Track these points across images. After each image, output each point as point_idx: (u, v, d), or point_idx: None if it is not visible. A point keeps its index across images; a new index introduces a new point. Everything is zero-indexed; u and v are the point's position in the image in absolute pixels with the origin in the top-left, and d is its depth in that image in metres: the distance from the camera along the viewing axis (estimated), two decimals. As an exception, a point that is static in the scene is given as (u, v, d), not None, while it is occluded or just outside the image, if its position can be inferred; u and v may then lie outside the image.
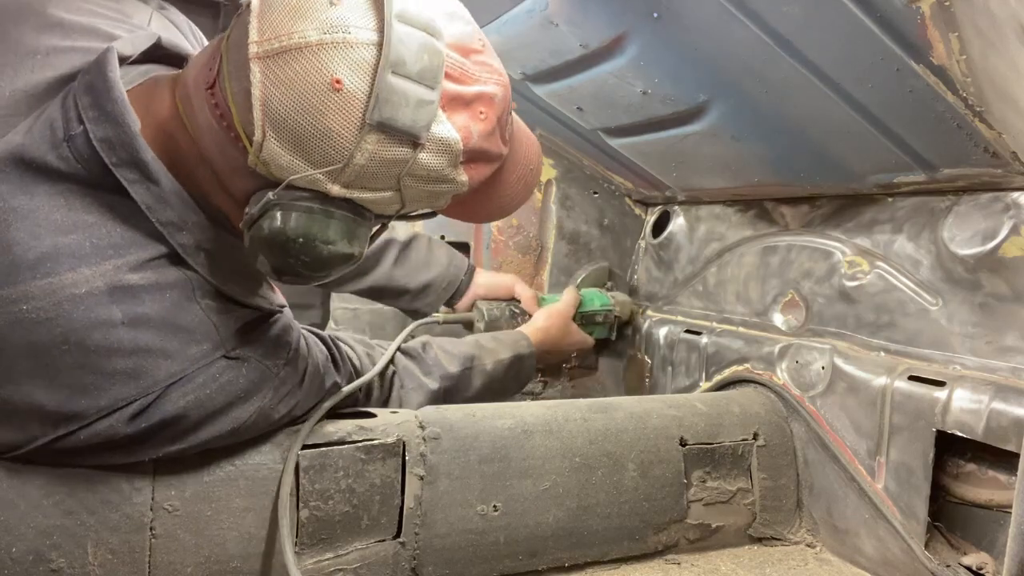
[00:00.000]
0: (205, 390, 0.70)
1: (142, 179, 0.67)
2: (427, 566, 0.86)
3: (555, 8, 0.98)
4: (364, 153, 0.62)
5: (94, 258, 0.66)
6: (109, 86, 0.66)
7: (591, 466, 0.95)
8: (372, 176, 0.64)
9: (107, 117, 0.66)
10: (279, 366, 0.77)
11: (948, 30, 0.71)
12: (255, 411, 0.75)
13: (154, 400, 0.68)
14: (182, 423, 0.70)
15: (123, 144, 0.66)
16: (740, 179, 1.21)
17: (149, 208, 0.68)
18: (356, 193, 0.65)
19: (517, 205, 0.83)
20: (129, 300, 0.67)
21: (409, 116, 0.62)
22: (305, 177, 0.63)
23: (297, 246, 0.65)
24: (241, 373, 0.73)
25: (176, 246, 0.70)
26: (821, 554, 1.04)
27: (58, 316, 0.64)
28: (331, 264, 0.67)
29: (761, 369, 1.16)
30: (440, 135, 0.65)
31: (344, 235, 0.66)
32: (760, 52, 0.85)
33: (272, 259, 0.66)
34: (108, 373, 0.66)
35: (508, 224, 1.58)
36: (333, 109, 0.60)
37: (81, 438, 0.66)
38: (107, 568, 0.70)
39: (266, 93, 0.59)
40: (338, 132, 0.61)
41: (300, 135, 0.60)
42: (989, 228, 0.89)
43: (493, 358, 1.13)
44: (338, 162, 0.62)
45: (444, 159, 0.67)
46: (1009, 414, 0.81)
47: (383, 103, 0.60)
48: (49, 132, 0.66)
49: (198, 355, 0.70)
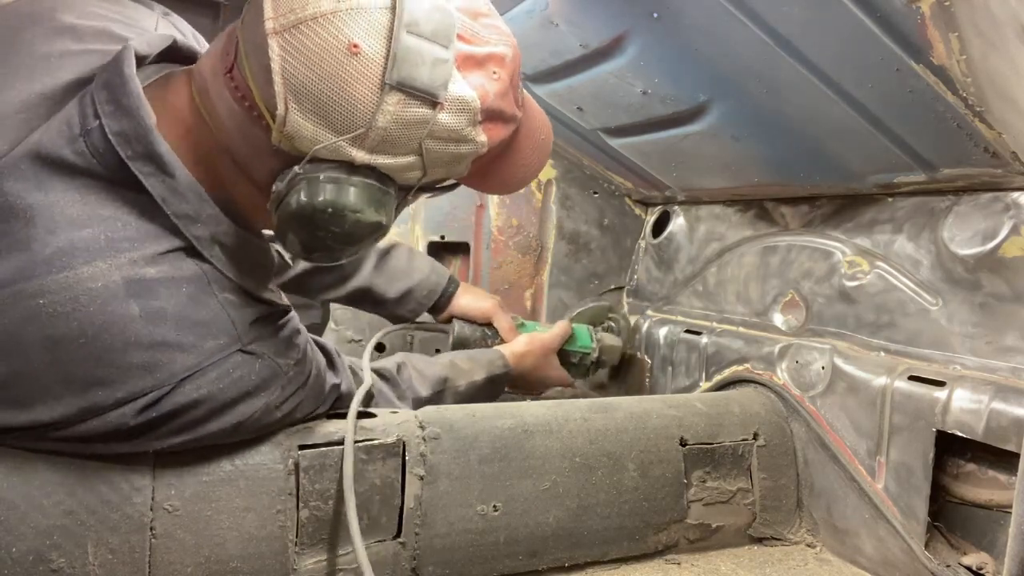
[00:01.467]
0: (219, 384, 0.71)
1: (157, 172, 0.68)
2: (427, 566, 0.86)
3: (555, 8, 0.98)
4: (386, 115, 0.63)
5: (109, 252, 0.66)
6: (125, 80, 0.67)
7: (591, 466, 0.95)
8: (395, 140, 0.65)
9: (123, 111, 0.67)
10: (289, 365, 0.77)
11: (948, 30, 0.71)
12: (261, 407, 0.75)
13: (167, 392, 0.68)
14: (190, 415, 0.70)
15: (138, 137, 0.67)
16: (740, 179, 1.21)
17: (164, 201, 0.68)
18: (380, 159, 0.66)
19: (533, 174, 0.85)
20: (145, 294, 0.67)
21: (427, 75, 0.63)
22: (329, 146, 0.64)
23: (327, 217, 0.66)
24: (254, 369, 0.74)
25: (192, 238, 0.70)
26: (821, 554, 1.04)
27: (75, 310, 0.64)
28: (361, 234, 0.68)
29: (761, 369, 1.16)
30: (457, 94, 0.66)
31: (371, 203, 0.67)
32: (760, 52, 0.85)
33: (302, 234, 0.68)
34: (124, 367, 0.66)
35: (508, 224, 1.58)
36: (352, 73, 0.61)
37: (92, 425, 0.67)
38: (107, 568, 0.70)
39: (285, 65, 0.61)
40: (359, 95, 0.62)
41: (322, 102, 0.62)
42: (989, 228, 0.89)
43: (467, 379, 1.11)
44: (361, 126, 0.63)
45: (463, 118, 0.67)
46: (1009, 414, 0.81)
47: (401, 63, 0.62)
48: (66, 128, 0.67)
49: (214, 349, 0.70)
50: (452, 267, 1.60)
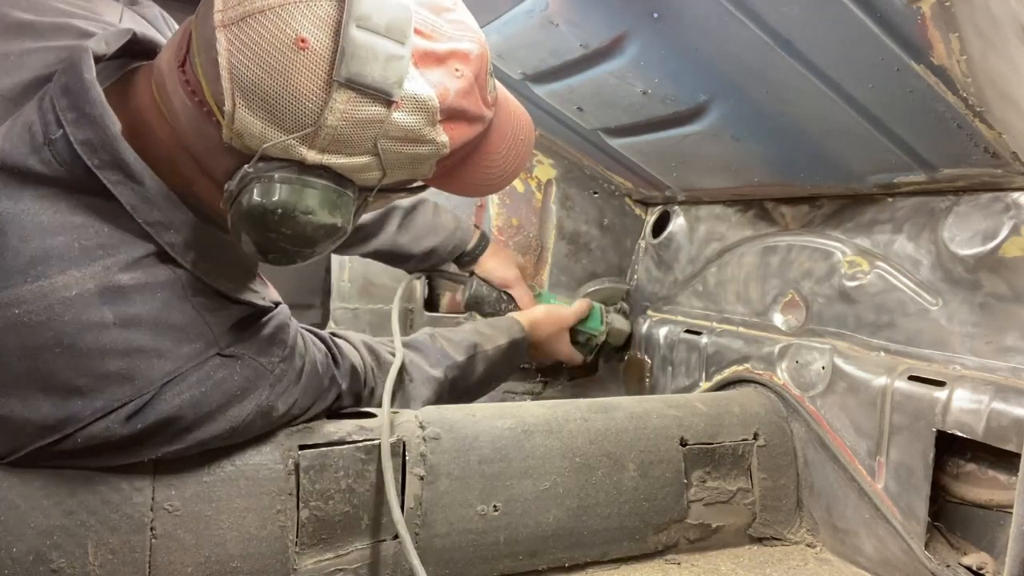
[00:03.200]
0: (200, 388, 0.70)
1: (125, 180, 0.67)
2: (427, 566, 0.85)
3: (555, 8, 0.98)
4: (335, 113, 0.61)
5: (83, 260, 0.65)
6: (86, 88, 0.65)
7: (591, 466, 0.95)
8: (347, 139, 0.63)
9: (86, 119, 0.65)
10: (274, 363, 0.77)
11: (948, 30, 0.71)
12: (253, 409, 0.75)
13: (149, 400, 0.67)
14: (178, 423, 0.70)
15: (104, 146, 0.65)
16: (740, 179, 1.21)
17: (134, 208, 0.67)
18: (333, 159, 0.64)
19: (510, 177, 0.82)
20: (120, 301, 0.66)
21: (379, 72, 0.61)
22: (278, 144, 0.62)
23: (277, 218, 0.63)
24: (235, 371, 0.73)
25: (164, 245, 0.69)
26: (821, 554, 1.04)
27: (50, 319, 0.64)
28: (314, 237, 0.66)
29: (761, 369, 1.16)
30: (414, 92, 0.64)
31: (324, 204, 0.65)
32: (760, 52, 0.85)
33: (255, 235, 0.65)
34: (102, 375, 0.66)
35: (508, 224, 1.58)
36: (299, 68, 0.59)
37: (78, 441, 0.66)
38: (107, 568, 0.70)
39: (232, 60, 0.59)
40: (306, 91, 0.60)
41: (269, 98, 0.60)
42: (989, 228, 0.89)
43: (493, 344, 1.14)
44: (309, 125, 0.61)
45: (420, 117, 0.65)
46: (1009, 414, 0.81)
47: (350, 58, 0.59)
48: (28, 136, 0.66)
49: (191, 353, 0.70)
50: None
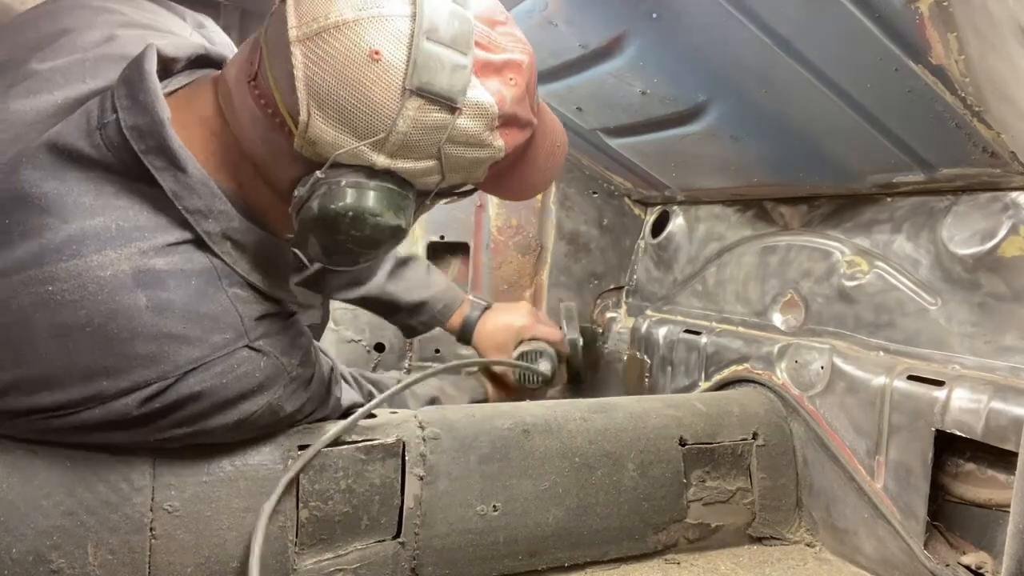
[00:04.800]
0: (222, 379, 0.71)
1: (169, 166, 0.69)
2: (427, 566, 0.86)
3: (554, 8, 0.98)
4: (406, 120, 0.64)
5: (120, 240, 0.67)
6: (143, 76, 0.68)
7: (591, 466, 0.96)
8: (414, 144, 0.66)
9: (138, 106, 0.68)
10: (293, 365, 0.78)
11: (946, 30, 0.71)
12: (264, 405, 0.75)
13: (171, 383, 0.68)
14: (192, 408, 0.70)
15: (152, 132, 0.68)
16: (739, 179, 1.21)
17: (176, 195, 0.69)
18: (400, 163, 0.67)
19: (549, 180, 0.87)
20: (154, 284, 0.67)
21: (446, 80, 0.65)
22: (351, 151, 0.65)
23: (347, 221, 0.66)
24: (259, 366, 0.74)
25: (202, 233, 0.71)
26: (820, 554, 1.04)
27: (83, 298, 0.65)
28: (380, 238, 0.69)
29: (760, 369, 1.16)
30: (476, 99, 0.67)
31: (391, 207, 0.68)
32: (759, 52, 0.85)
33: (323, 238, 0.69)
34: (130, 356, 0.66)
35: (508, 224, 1.58)
36: (374, 79, 0.62)
37: (94, 414, 0.67)
38: (107, 569, 0.70)
39: (309, 72, 0.62)
40: (380, 100, 0.63)
41: (344, 108, 0.63)
42: (988, 228, 0.89)
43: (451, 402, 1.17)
44: (382, 131, 0.64)
45: (481, 123, 0.69)
46: (1008, 413, 0.81)
47: (421, 68, 0.63)
48: (85, 121, 0.68)
49: (221, 343, 0.71)
50: (452, 267, 1.60)
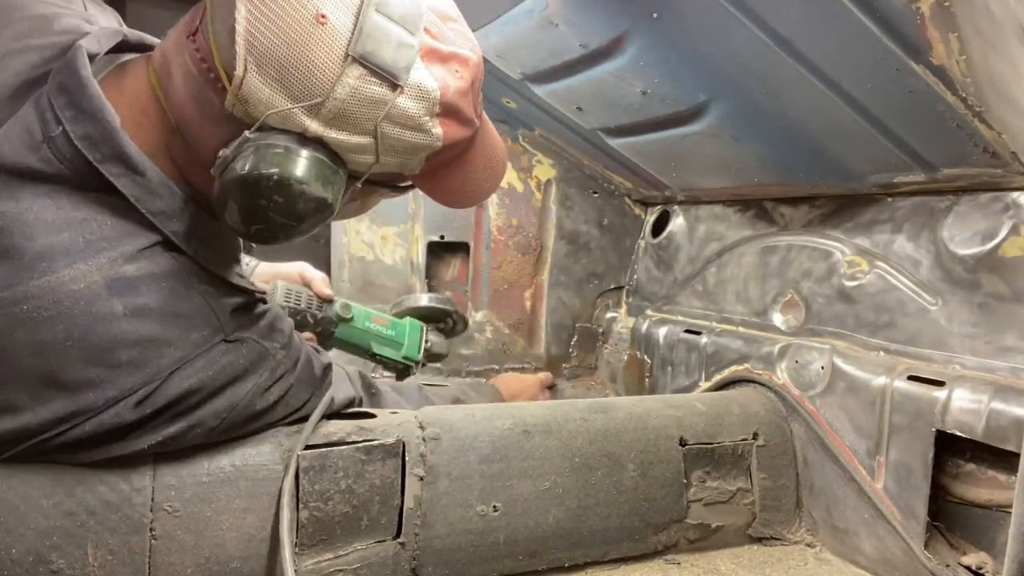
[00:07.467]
0: (207, 372, 0.71)
1: (127, 172, 0.68)
2: (427, 566, 0.86)
3: (555, 8, 0.98)
4: (345, 87, 0.63)
5: (88, 252, 0.66)
6: (83, 84, 0.67)
7: (591, 466, 0.95)
8: (351, 115, 0.65)
9: (85, 115, 0.66)
10: (275, 348, 0.78)
11: (947, 30, 0.71)
12: (251, 388, 0.75)
13: (159, 386, 0.68)
14: (183, 404, 0.70)
15: (105, 140, 0.67)
16: (740, 179, 1.21)
17: (138, 199, 0.69)
18: (333, 133, 0.66)
19: (484, 194, 0.86)
20: (128, 292, 0.67)
21: (390, 55, 0.64)
22: (283, 113, 0.64)
23: (271, 185, 0.64)
24: (240, 354, 0.74)
25: (168, 234, 0.70)
26: (821, 554, 1.04)
27: (59, 313, 0.64)
28: (304, 209, 0.67)
29: (761, 369, 1.16)
30: (419, 81, 0.67)
31: (319, 178, 0.66)
32: (760, 52, 0.85)
33: (244, 202, 0.66)
34: (114, 365, 0.66)
35: (508, 224, 1.58)
36: (317, 41, 0.62)
37: (87, 429, 0.67)
38: (107, 569, 0.70)
39: (250, 27, 0.61)
40: (321, 63, 0.62)
41: (283, 66, 0.62)
42: (989, 228, 0.89)
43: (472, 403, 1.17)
44: (319, 96, 0.63)
45: (422, 106, 0.68)
46: (1008, 414, 0.81)
47: (366, 37, 0.63)
48: (27, 136, 0.67)
49: (199, 340, 0.71)
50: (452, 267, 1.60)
